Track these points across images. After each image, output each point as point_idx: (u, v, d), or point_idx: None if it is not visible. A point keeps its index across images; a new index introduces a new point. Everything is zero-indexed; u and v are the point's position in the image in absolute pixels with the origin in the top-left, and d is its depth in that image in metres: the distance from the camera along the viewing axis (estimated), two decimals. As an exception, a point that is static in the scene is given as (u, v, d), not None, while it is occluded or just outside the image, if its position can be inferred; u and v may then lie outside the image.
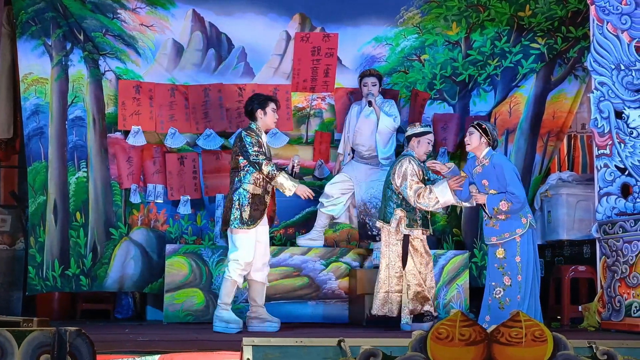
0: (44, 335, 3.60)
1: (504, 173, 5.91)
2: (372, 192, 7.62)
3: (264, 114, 6.33)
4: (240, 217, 6.10)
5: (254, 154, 6.13)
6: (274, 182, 6.16)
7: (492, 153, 6.05)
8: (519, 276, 5.84)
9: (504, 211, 5.86)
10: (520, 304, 5.81)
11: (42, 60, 7.58)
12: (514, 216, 5.90)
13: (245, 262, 6.11)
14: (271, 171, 6.12)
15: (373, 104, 7.55)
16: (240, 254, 6.11)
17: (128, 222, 7.70)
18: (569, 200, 8.06)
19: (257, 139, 6.20)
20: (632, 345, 3.86)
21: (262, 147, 6.20)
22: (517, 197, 5.85)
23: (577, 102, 8.49)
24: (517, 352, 3.48)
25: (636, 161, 6.71)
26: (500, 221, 5.93)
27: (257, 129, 6.30)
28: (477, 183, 6.05)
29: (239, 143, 6.23)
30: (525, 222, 5.90)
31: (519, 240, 5.87)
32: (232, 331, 6.02)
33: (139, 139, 7.69)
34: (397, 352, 3.52)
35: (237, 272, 6.12)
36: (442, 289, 7.65)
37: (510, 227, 5.91)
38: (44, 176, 7.50)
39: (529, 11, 8.16)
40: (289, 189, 6.16)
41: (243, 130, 6.32)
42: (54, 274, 7.40)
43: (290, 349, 3.63)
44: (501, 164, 5.99)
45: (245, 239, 6.13)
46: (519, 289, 5.84)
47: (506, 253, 5.89)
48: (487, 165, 6.00)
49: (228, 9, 7.94)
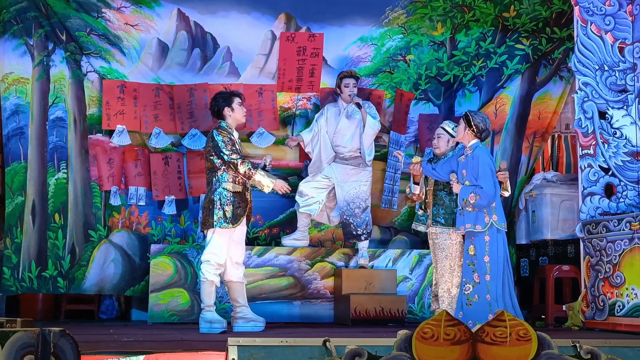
0: (27, 336, 3.58)
1: (478, 166, 5.89)
2: (355, 193, 7.62)
3: (232, 110, 6.29)
4: (224, 216, 6.08)
5: (228, 153, 6.08)
6: (252, 181, 6.14)
7: (477, 145, 6.01)
8: (487, 276, 5.81)
9: (472, 203, 5.82)
10: (492, 305, 5.77)
11: (24, 60, 7.52)
12: (480, 212, 5.84)
13: (216, 262, 6.10)
14: (247, 170, 6.09)
15: (362, 106, 7.54)
16: (211, 255, 6.10)
17: (108, 224, 7.65)
18: (553, 200, 8.11)
19: (229, 137, 6.15)
20: (616, 344, 3.88)
21: (235, 145, 6.17)
22: (485, 192, 5.79)
23: (562, 103, 8.54)
24: (501, 351, 3.49)
25: (619, 161, 6.75)
26: (466, 212, 5.89)
27: (227, 127, 6.25)
28: (458, 172, 6.02)
29: (211, 143, 6.18)
30: (487, 221, 5.82)
31: (487, 240, 5.85)
32: (216, 331, 6.01)
33: (123, 139, 7.65)
34: (382, 352, 3.52)
35: (211, 272, 6.10)
36: (427, 289, 7.68)
37: (471, 219, 5.84)
38: (22, 177, 7.44)
39: (514, 12, 8.20)
40: (267, 185, 6.15)
41: (214, 129, 6.24)
42: (31, 275, 7.35)
43: (275, 349, 3.62)
44: (479, 156, 5.92)
45: (221, 239, 6.11)
46: (488, 290, 5.80)
47: (476, 250, 5.88)
48: (469, 155, 5.99)
49: (212, 8, 7.92)
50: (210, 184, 6.22)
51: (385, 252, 7.79)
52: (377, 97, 8.19)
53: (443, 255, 6.31)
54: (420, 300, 7.70)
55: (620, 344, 3.89)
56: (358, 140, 7.64)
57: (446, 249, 6.31)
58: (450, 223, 6.31)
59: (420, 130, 8.40)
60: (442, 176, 6.20)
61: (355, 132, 7.64)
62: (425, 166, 6.23)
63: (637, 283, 6.17)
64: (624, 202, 6.68)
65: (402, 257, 7.77)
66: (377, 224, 8.19)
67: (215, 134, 6.17)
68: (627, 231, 6.25)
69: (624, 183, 6.71)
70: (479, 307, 5.75)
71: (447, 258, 6.32)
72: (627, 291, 6.26)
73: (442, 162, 6.29)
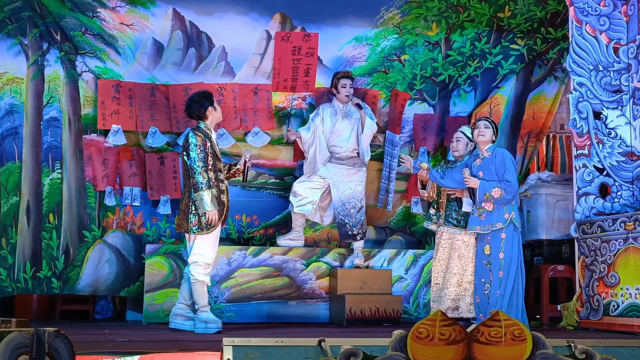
0: (22, 336, 3.57)
1: (504, 161, 5.99)
2: (351, 193, 7.62)
3: (214, 110, 6.28)
4: (199, 223, 6.06)
5: (194, 158, 6.03)
6: (197, 194, 6.02)
7: (494, 147, 6.17)
8: (500, 272, 5.89)
9: (496, 198, 5.90)
10: (499, 300, 5.85)
11: (18, 59, 7.50)
12: (500, 209, 5.94)
13: (205, 262, 6.11)
14: (199, 183, 6.00)
15: (362, 107, 7.55)
16: (198, 256, 6.09)
17: (102, 224, 7.64)
18: (548, 200, 8.12)
19: (203, 139, 6.09)
20: (611, 344, 3.88)
21: (208, 149, 6.09)
22: (512, 186, 5.92)
23: (557, 103, 8.56)
24: (496, 351, 3.50)
25: (614, 161, 6.77)
26: (486, 212, 5.97)
27: (206, 127, 6.22)
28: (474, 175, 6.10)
29: (185, 143, 6.14)
30: (507, 217, 5.94)
31: (504, 237, 5.92)
32: (211, 331, 6.01)
33: (119, 138, 7.64)
34: (378, 352, 3.52)
35: (201, 272, 6.10)
36: (422, 289, 7.69)
37: (493, 219, 5.96)
38: (17, 177, 7.42)
39: (509, 12, 8.21)
40: (204, 207, 6.00)
41: (191, 130, 6.19)
42: (25, 275, 7.34)
43: (270, 349, 3.62)
44: (503, 153, 6.12)
45: (203, 242, 6.10)
46: (499, 285, 5.89)
47: (491, 249, 5.94)
48: (487, 157, 6.09)
49: (208, 8, 7.91)
50: (187, 186, 6.18)
51: (381, 252, 7.79)
52: (372, 97, 8.19)
53: (455, 255, 6.35)
54: (415, 300, 7.71)
55: (614, 344, 3.90)
56: (355, 140, 7.64)
57: (460, 249, 6.36)
58: (461, 224, 6.36)
59: (415, 130, 8.40)
60: (448, 184, 6.27)
61: (351, 133, 7.65)
62: (433, 174, 6.31)
63: (631, 283, 6.18)
64: (618, 202, 6.70)
65: (397, 257, 7.77)
66: (372, 224, 8.20)
67: (191, 135, 6.11)
68: (622, 231, 6.27)
69: (619, 183, 6.72)
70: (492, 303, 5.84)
71: (459, 258, 6.36)
72: (621, 291, 6.27)
73: (450, 171, 6.36)
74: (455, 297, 6.40)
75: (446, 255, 6.47)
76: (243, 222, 8.01)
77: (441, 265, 6.48)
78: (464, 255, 6.38)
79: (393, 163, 8.12)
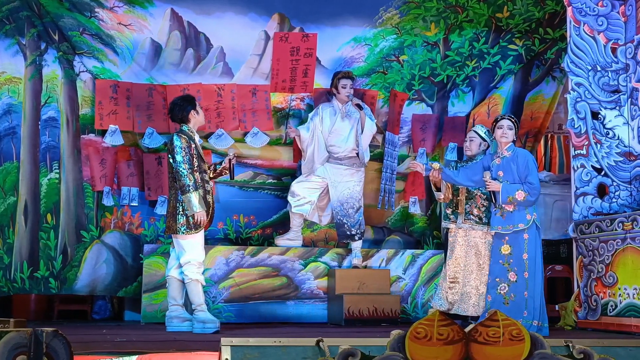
0: (20, 336, 3.56)
1: (527, 163, 5.96)
2: (349, 193, 7.62)
3: (197, 113, 6.30)
4: (187, 223, 6.08)
5: (180, 161, 6.04)
6: (184, 197, 6.05)
7: (513, 146, 6.10)
8: (525, 273, 5.87)
9: (519, 201, 5.87)
10: (529, 302, 5.83)
11: (16, 59, 7.50)
12: (522, 210, 5.91)
13: (197, 261, 6.12)
14: (186, 185, 6.03)
15: (363, 108, 7.55)
16: (191, 255, 6.10)
17: (100, 224, 7.63)
18: (546, 200, 8.13)
19: (188, 142, 6.11)
20: (609, 344, 3.88)
21: (193, 151, 6.11)
22: (535, 189, 5.89)
23: (555, 103, 8.57)
24: (494, 351, 3.50)
25: (612, 161, 6.77)
26: (507, 212, 5.95)
27: (189, 130, 6.23)
28: (494, 175, 6.06)
29: (170, 147, 6.16)
30: (529, 219, 5.91)
31: (527, 237, 5.90)
32: (209, 331, 6.01)
33: (116, 139, 7.64)
34: (376, 352, 3.52)
35: (195, 272, 6.11)
36: (420, 288, 7.70)
37: (515, 220, 5.92)
38: (14, 177, 7.42)
39: (507, 13, 8.22)
40: (192, 209, 6.04)
41: (175, 133, 6.20)
42: (22, 275, 7.33)
43: (268, 349, 3.62)
44: (525, 154, 6.08)
45: (193, 242, 6.12)
46: (526, 286, 5.86)
47: (512, 249, 5.91)
48: (507, 157, 6.04)
49: (207, 8, 7.91)
50: (173, 189, 6.19)
51: (379, 252, 7.79)
52: (370, 97, 8.19)
53: (472, 253, 6.35)
54: (413, 300, 7.71)
55: (612, 344, 3.90)
56: (353, 140, 7.65)
57: (477, 247, 6.35)
58: (483, 222, 6.34)
59: (414, 130, 8.40)
60: (462, 182, 6.24)
61: (350, 133, 7.65)
62: (446, 173, 6.27)
63: (629, 283, 6.19)
64: (616, 202, 6.71)
65: (395, 257, 7.77)
66: (370, 224, 8.19)
67: (176, 137, 6.13)
68: (620, 231, 6.27)
69: (617, 183, 6.73)
70: (515, 305, 5.82)
71: (476, 255, 6.35)
72: (619, 291, 6.28)
73: (462, 169, 6.33)
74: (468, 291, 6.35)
75: (463, 252, 6.42)
76: (241, 222, 8.01)
77: (459, 264, 6.42)
78: (481, 253, 6.36)
79: (394, 164, 8.12)
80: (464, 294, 6.37)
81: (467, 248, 6.41)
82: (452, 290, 6.41)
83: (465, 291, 6.37)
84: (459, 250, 6.43)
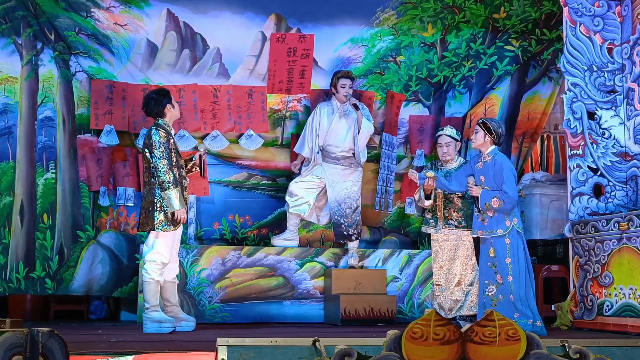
0: (16, 336, 3.56)
1: (502, 171, 5.99)
2: (346, 193, 7.62)
3: (173, 107, 6.28)
4: (165, 219, 6.04)
5: (159, 156, 6.00)
6: (163, 193, 6.01)
7: (496, 151, 6.12)
8: (509, 277, 5.93)
9: (495, 208, 5.95)
10: (516, 305, 5.90)
11: (12, 59, 7.47)
12: (501, 216, 5.98)
13: (162, 262, 6.09)
14: (166, 182, 5.98)
15: (359, 108, 7.55)
16: (157, 255, 6.07)
17: (96, 225, 7.62)
18: (542, 200, 8.14)
19: (167, 137, 6.08)
20: (604, 344, 3.90)
21: (171, 145, 6.08)
22: (510, 198, 5.94)
23: (551, 104, 8.58)
24: (490, 351, 3.50)
25: (608, 161, 6.78)
26: (488, 217, 6.02)
27: (165, 124, 6.20)
28: (476, 178, 6.13)
29: (148, 141, 6.10)
30: (508, 225, 5.98)
31: (508, 242, 5.97)
32: (166, 330, 5.97)
33: (111, 138, 7.63)
34: (372, 352, 3.53)
35: (157, 272, 6.08)
36: (416, 289, 7.70)
37: (493, 225, 6.00)
38: (11, 176, 7.40)
39: (504, 13, 8.22)
40: (173, 207, 5.99)
41: (153, 127, 6.16)
42: (18, 276, 7.31)
43: (265, 349, 3.62)
44: (502, 162, 6.08)
45: (166, 239, 6.08)
46: (510, 290, 5.92)
47: (496, 252, 5.97)
48: (488, 162, 6.10)
49: (203, 7, 7.90)
50: (149, 184, 6.14)
51: (375, 252, 7.80)
52: (367, 98, 8.18)
53: (455, 256, 6.44)
54: (409, 300, 7.71)
55: (608, 344, 3.91)
56: (351, 140, 7.64)
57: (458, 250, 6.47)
58: (462, 225, 6.42)
59: (411, 131, 8.40)
60: (456, 189, 6.34)
61: (348, 132, 7.64)
62: (440, 181, 6.31)
63: (625, 283, 6.20)
64: (612, 202, 6.72)
65: (391, 257, 7.78)
66: (366, 224, 8.19)
67: (155, 132, 6.08)
68: (616, 231, 6.28)
69: (613, 183, 6.74)
70: (504, 306, 5.87)
71: (458, 258, 6.44)
72: (615, 291, 6.29)
73: (454, 175, 6.38)
74: (457, 298, 6.52)
75: (446, 257, 6.58)
76: (236, 222, 8.00)
77: (442, 268, 6.60)
78: (462, 255, 6.47)
79: (392, 165, 8.12)
80: (453, 300, 6.55)
81: (449, 252, 6.56)
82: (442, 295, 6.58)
83: (454, 298, 6.55)
84: (441, 255, 6.60)
